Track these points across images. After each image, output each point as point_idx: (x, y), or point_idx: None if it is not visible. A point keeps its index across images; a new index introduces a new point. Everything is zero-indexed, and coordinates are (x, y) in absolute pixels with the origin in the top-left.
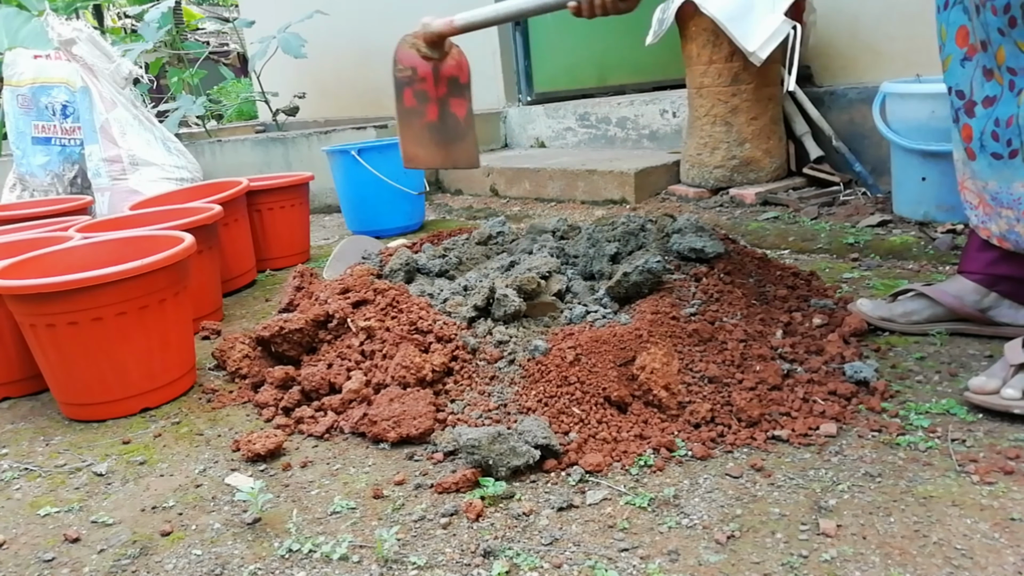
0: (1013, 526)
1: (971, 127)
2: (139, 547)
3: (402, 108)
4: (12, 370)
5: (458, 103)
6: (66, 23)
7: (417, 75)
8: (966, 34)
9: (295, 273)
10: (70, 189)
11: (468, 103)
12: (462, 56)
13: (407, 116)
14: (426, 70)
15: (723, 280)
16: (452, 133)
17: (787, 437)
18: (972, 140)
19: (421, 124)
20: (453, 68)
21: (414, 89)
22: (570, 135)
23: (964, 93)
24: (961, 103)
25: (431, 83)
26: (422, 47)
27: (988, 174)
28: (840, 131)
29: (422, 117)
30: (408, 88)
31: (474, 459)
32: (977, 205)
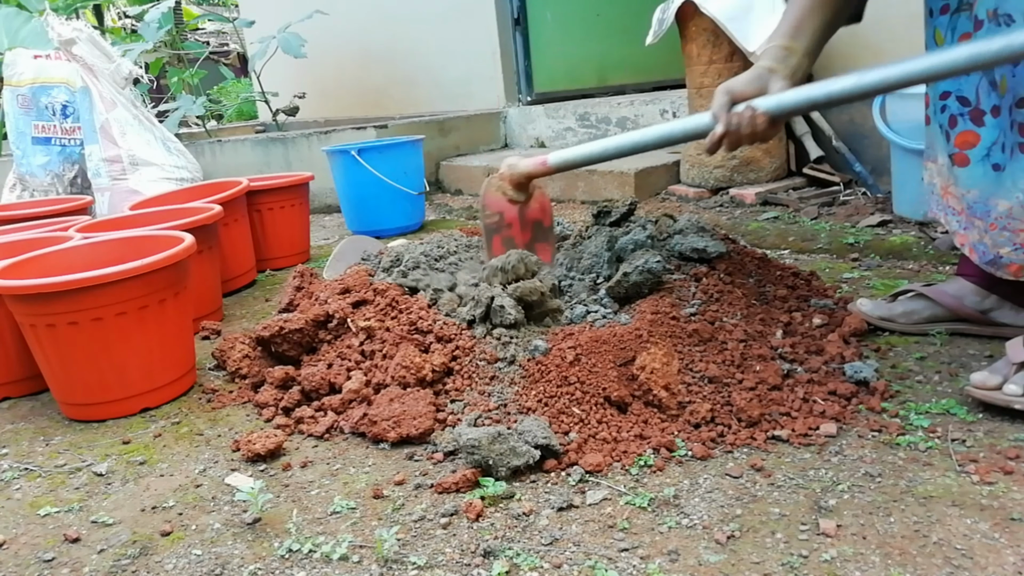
0: (1013, 526)
1: (977, 135)
2: (139, 547)
3: (492, 257)
4: (12, 370)
5: (543, 248)
6: (66, 23)
7: (504, 221)
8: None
9: (295, 273)
10: (70, 189)
11: (552, 248)
12: (545, 198)
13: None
14: (512, 216)
15: (723, 280)
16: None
17: (787, 437)
18: (974, 148)
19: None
20: (537, 211)
21: (502, 236)
22: (570, 135)
23: (969, 100)
24: (966, 109)
25: (517, 228)
26: (508, 190)
27: (973, 183)
28: (840, 131)
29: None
30: (497, 235)
31: (474, 459)
32: (960, 212)
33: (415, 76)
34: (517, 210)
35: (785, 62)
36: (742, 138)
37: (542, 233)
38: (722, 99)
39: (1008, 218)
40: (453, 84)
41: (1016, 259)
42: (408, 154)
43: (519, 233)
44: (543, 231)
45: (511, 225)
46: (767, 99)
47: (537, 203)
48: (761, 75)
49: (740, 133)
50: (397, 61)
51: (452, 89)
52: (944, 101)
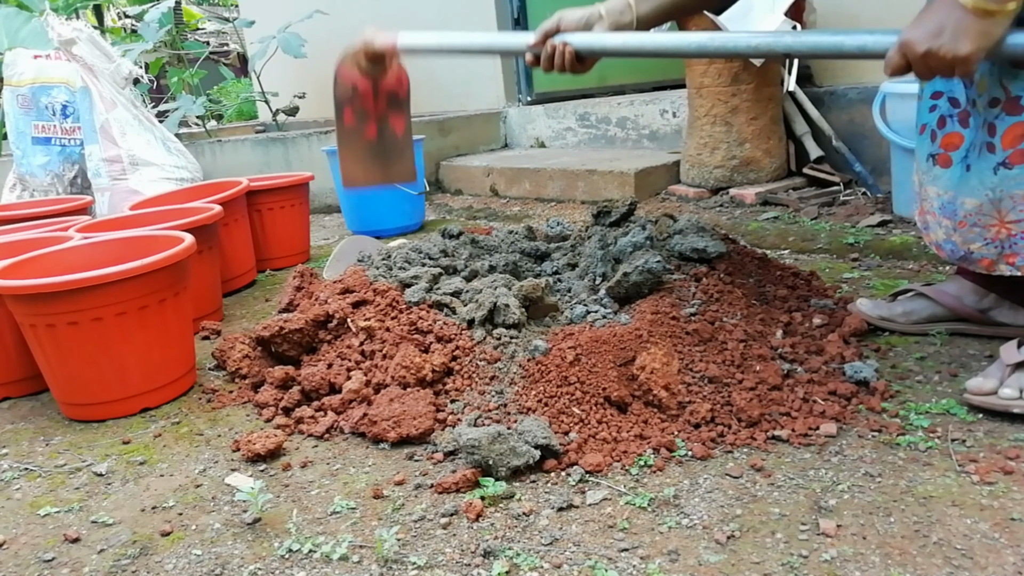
0: (1013, 526)
1: (962, 136)
2: (139, 547)
3: (342, 128)
4: (12, 370)
5: (396, 118)
6: (66, 23)
7: (358, 92)
8: None
9: (295, 273)
10: (70, 189)
11: (407, 118)
12: (403, 70)
13: (347, 136)
14: (366, 87)
15: (723, 280)
16: (391, 150)
17: (787, 437)
18: (957, 149)
19: (361, 143)
20: (393, 83)
21: (354, 107)
22: (570, 135)
23: (959, 101)
24: (955, 111)
25: (371, 99)
26: (363, 63)
27: (951, 184)
28: (840, 131)
29: (361, 136)
30: (348, 107)
31: (474, 459)
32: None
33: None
34: (371, 82)
35: (616, 16)
36: (555, 67)
37: (396, 103)
38: (549, 24)
39: (978, 215)
40: (453, 84)
41: (987, 254)
42: None
43: (371, 104)
44: (397, 102)
45: (365, 96)
46: (578, 36)
47: (394, 75)
48: (592, 15)
49: (551, 61)
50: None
51: (452, 89)
52: (935, 101)
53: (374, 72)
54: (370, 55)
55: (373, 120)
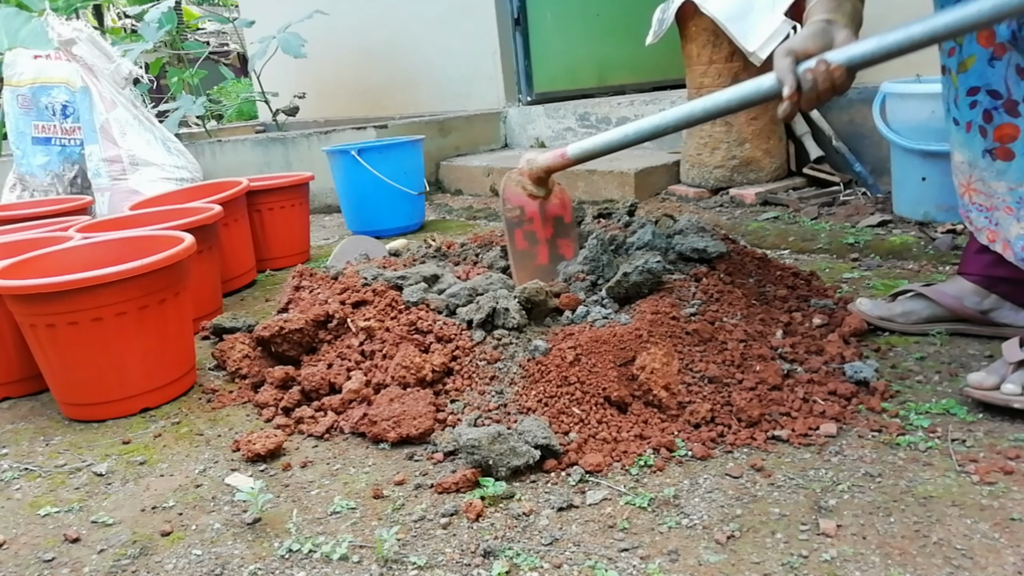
0: (1013, 526)
1: (1016, 127)
2: (139, 547)
3: (515, 250)
4: (12, 370)
5: (565, 244)
6: (66, 23)
7: (525, 215)
8: (990, 34)
9: (295, 273)
10: (70, 189)
11: (575, 243)
12: (564, 194)
13: (521, 259)
14: (533, 210)
15: (723, 280)
16: None
17: (787, 437)
18: (1016, 140)
19: (533, 266)
20: (558, 207)
21: (523, 230)
22: (570, 135)
23: (1000, 92)
24: (998, 102)
25: (539, 224)
26: (528, 185)
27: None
28: (840, 131)
29: (534, 259)
30: (519, 229)
31: (474, 459)
32: (989, 208)
33: (415, 76)
34: (537, 205)
35: (840, 10)
36: (820, 95)
37: (563, 229)
38: (785, 61)
39: None
40: (453, 84)
41: None
42: (408, 154)
43: (540, 228)
44: (564, 227)
45: (532, 220)
46: (839, 52)
47: (557, 199)
48: (822, 29)
49: (817, 90)
50: (397, 61)
51: (452, 89)
52: (974, 97)
53: (539, 194)
54: (534, 176)
55: (544, 244)
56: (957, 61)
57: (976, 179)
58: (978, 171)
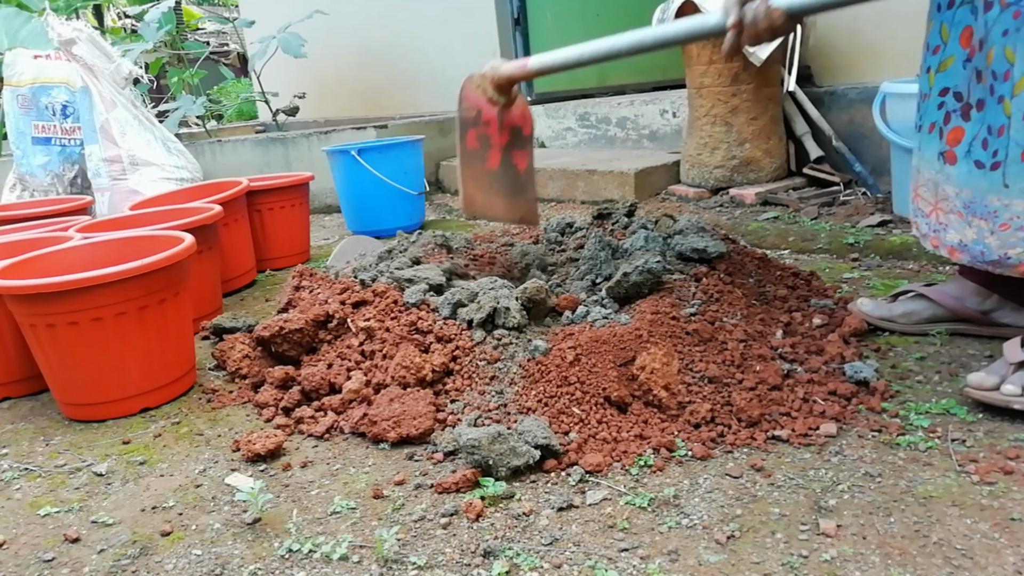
0: (1013, 526)
1: (964, 131)
2: (139, 547)
3: (464, 149)
4: (12, 370)
5: (520, 155)
6: (66, 23)
7: (481, 118)
8: (971, 34)
9: (295, 273)
10: (70, 189)
11: (530, 157)
12: (527, 107)
13: (469, 158)
14: (491, 114)
15: (723, 280)
16: (512, 185)
17: (787, 437)
18: (959, 144)
19: (482, 169)
20: (517, 118)
21: (478, 132)
22: (570, 135)
23: (962, 95)
24: (959, 105)
25: (495, 128)
26: (489, 90)
27: (964, 181)
28: (840, 131)
29: (484, 162)
30: (472, 129)
31: (474, 459)
32: (929, 213)
33: (415, 76)
34: (496, 111)
35: None
36: (760, 33)
37: (520, 140)
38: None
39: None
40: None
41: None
42: (408, 154)
43: (496, 133)
44: (521, 138)
45: (488, 123)
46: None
47: (519, 110)
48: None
49: (757, 28)
50: (397, 61)
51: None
52: (943, 98)
53: (499, 100)
54: (497, 83)
55: (496, 150)
56: (939, 60)
57: (922, 184)
58: (924, 176)
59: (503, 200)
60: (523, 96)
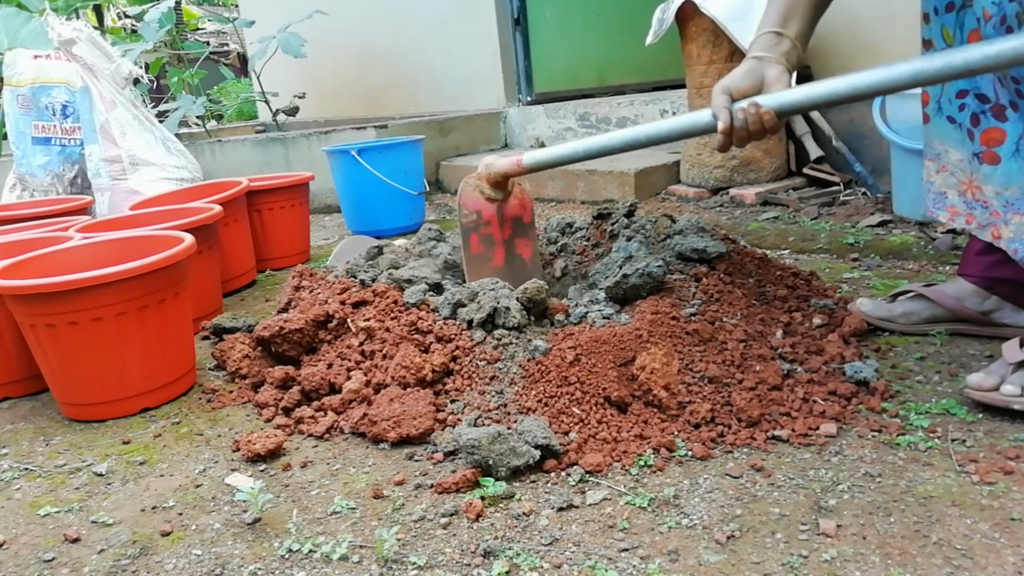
0: (1013, 526)
1: (1003, 131)
2: (139, 547)
3: (469, 255)
4: (12, 370)
5: (523, 244)
6: (66, 23)
7: (482, 219)
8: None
9: (295, 273)
10: (70, 189)
11: (533, 243)
12: (525, 195)
13: (475, 262)
14: (491, 213)
15: (723, 280)
16: (520, 276)
17: (787, 437)
18: (1002, 144)
19: (489, 268)
20: (516, 208)
21: (480, 234)
22: (570, 135)
23: (988, 97)
24: (987, 106)
25: (496, 227)
26: (486, 189)
27: (1010, 180)
28: (840, 131)
29: (489, 262)
30: (474, 234)
31: (474, 459)
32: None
33: (415, 76)
34: (495, 207)
35: (776, 48)
36: (751, 135)
37: (522, 229)
38: (721, 98)
39: None
40: (453, 84)
41: None
42: (408, 154)
43: (497, 230)
44: (523, 227)
45: (489, 223)
46: (770, 97)
47: (516, 200)
48: (754, 67)
49: (747, 130)
50: (397, 61)
51: (452, 89)
52: (962, 100)
53: (497, 197)
54: (492, 180)
55: (500, 246)
56: None
57: (977, 179)
58: (969, 173)
59: None
60: (520, 186)
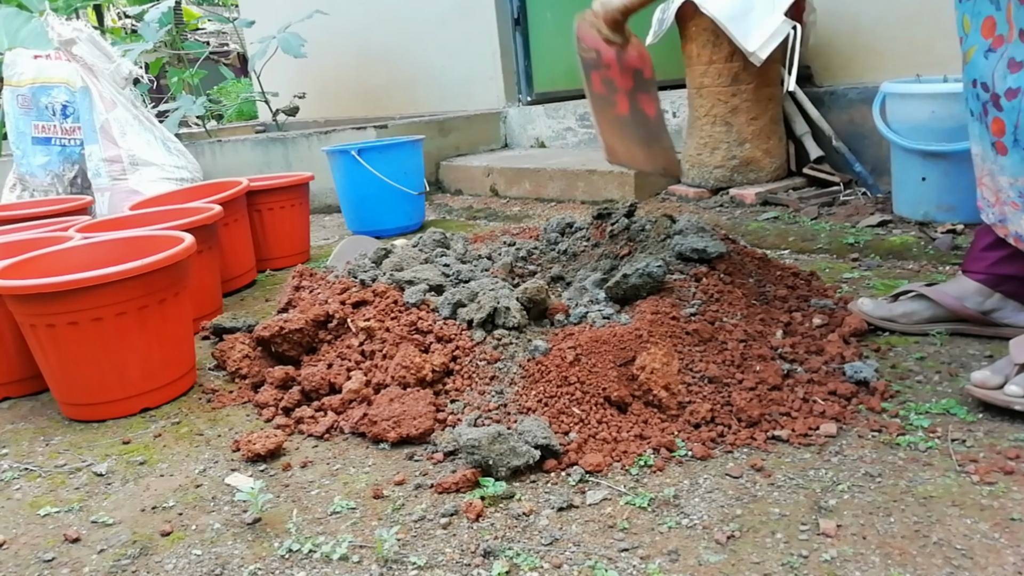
0: (1013, 526)
1: (1002, 120)
2: (139, 547)
3: (592, 93)
4: (12, 370)
5: (647, 100)
6: (66, 23)
7: (602, 60)
8: (992, 25)
9: (295, 273)
10: (70, 189)
11: (657, 102)
12: (643, 48)
13: (599, 103)
14: (610, 56)
15: (723, 280)
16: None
17: (787, 437)
18: (1005, 134)
19: (614, 115)
20: (636, 59)
21: (601, 74)
22: (570, 135)
23: (988, 86)
24: (988, 95)
25: (616, 71)
26: (604, 29)
27: (1018, 170)
28: (840, 131)
29: (614, 107)
30: (595, 71)
31: (474, 459)
32: (994, 203)
33: (415, 76)
34: (615, 51)
35: None
36: None
37: (643, 83)
38: None
39: None
40: (453, 84)
41: None
42: (408, 154)
43: (619, 76)
44: (643, 81)
45: (609, 66)
46: None
47: (636, 51)
48: None
49: None
50: (397, 61)
51: (452, 89)
52: (976, 89)
53: (616, 40)
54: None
55: (623, 94)
56: (964, 51)
57: (986, 172)
58: (988, 164)
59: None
60: (637, 38)
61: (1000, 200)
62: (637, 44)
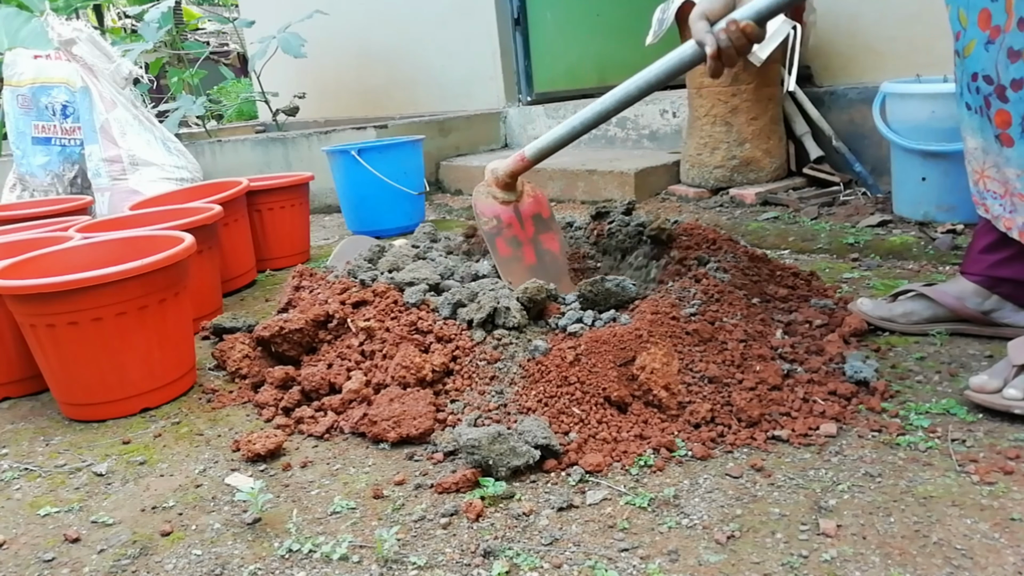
0: (1013, 526)
1: (1008, 112)
2: (139, 547)
3: (500, 259)
4: (12, 370)
5: (549, 238)
6: (66, 23)
7: (503, 223)
8: (988, 16)
9: (295, 273)
10: (70, 189)
11: (558, 235)
12: (537, 191)
13: (508, 265)
14: (509, 216)
15: (723, 280)
16: (553, 269)
17: (787, 437)
18: (1011, 126)
19: (522, 268)
20: (533, 206)
21: (504, 238)
22: None
23: (992, 78)
24: (991, 88)
25: (518, 227)
26: (498, 193)
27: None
28: (840, 131)
29: (520, 262)
30: (499, 238)
31: (474, 459)
32: (1003, 194)
33: (415, 76)
34: (512, 209)
35: None
36: (739, 49)
37: (543, 224)
38: (700, 24)
39: None
40: (453, 84)
41: None
42: (408, 154)
43: (520, 230)
44: (544, 222)
45: (511, 225)
46: (744, 10)
47: (531, 197)
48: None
49: (734, 47)
50: (397, 61)
51: (452, 89)
52: (976, 83)
53: (510, 199)
54: (501, 183)
55: (528, 245)
56: (962, 46)
57: (990, 165)
58: (992, 156)
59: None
60: (530, 184)
61: (1009, 191)
62: (531, 191)
